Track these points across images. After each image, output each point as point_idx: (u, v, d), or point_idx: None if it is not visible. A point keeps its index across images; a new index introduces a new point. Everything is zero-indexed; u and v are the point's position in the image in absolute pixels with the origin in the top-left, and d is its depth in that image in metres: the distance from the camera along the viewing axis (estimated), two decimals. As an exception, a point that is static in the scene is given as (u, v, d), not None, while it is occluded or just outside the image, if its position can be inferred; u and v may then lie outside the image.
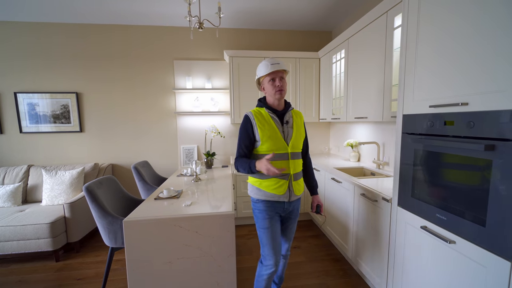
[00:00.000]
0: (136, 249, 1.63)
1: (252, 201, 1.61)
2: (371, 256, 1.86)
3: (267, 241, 1.53)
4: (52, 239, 2.36)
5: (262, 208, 1.54)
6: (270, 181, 1.49)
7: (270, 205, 1.53)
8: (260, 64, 1.55)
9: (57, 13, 2.91)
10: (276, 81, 1.48)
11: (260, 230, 1.56)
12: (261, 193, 1.53)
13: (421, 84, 1.32)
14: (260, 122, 1.49)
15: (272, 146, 1.48)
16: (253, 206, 1.60)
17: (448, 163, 1.18)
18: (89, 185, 1.89)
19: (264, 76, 1.51)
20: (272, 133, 1.48)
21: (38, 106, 3.22)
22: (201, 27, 2.18)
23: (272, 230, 1.53)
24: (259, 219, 1.55)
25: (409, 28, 1.38)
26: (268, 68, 1.48)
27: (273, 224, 1.53)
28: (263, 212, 1.54)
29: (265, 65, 1.50)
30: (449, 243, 1.15)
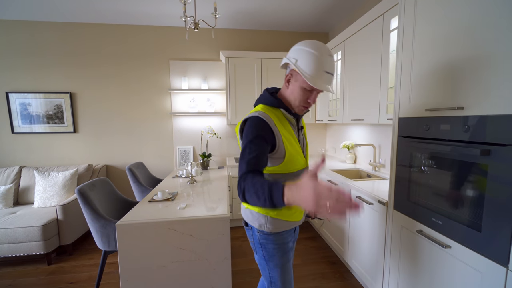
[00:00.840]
0: (129, 253, 1.60)
1: (260, 232, 1.13)
2: (367, 259, 1.85)
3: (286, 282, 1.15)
4: (44, 242, 2.31)
5: (282, 240, 1.13)
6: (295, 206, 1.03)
7: (286, 235, 1.16)
8: (307, 49, 0.99)
9: (50, 12, 2.86)
10: (313, 97, 1.05)
11: (276, 270, 1.14)
12: (280, 225, 1.11)
13: (418, 87, 1.32)
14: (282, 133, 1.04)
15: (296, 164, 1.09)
16: (263, 241, 1.13)
17: (444, 167, 1.17)
18: (81, 188, 1.86)
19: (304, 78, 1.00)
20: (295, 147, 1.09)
21: (30, 106, 3.16)
22: (196, 28, 2.16)
23: (290, 265, 1.19)
24: (277, 256, 1.13)
25: (405, 30, 1.38)
26: (321, 75, 0.99)
27: (291, 257, 1.20)
28: (282, 245, 1.13)
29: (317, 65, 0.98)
30: (445, 247, 1.14)
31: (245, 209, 1.20)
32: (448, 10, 1.13)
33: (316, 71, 0.98)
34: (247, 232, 1.22)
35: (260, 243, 1.15)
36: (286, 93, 1.10)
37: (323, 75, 0.99)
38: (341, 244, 2.25)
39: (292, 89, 1.07)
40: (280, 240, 1.13)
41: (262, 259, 1.18)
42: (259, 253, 1.18)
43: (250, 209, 1.16)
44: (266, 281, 1.21)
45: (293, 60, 1.02)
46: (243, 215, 1.23)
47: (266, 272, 1.18)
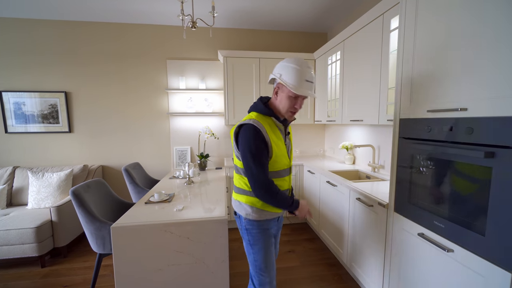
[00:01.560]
0: (124, 256, 1.56)
1: (248, 223, 1.33)
2: (367, 262, 1.83)
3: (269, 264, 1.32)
4: (37, 244, 2.27)
5: (265, 226, 1.32)
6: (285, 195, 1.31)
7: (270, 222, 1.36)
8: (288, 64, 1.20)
9: (45, 10, 2.81)
10: (299, 103, 1.23)
11: (260, 253, 1.32)
12: (265, 214, 1.31)
13: (419, 88, 1.29)
14: (272, 138, 1.23)
15: (280, 163, 1.28)
16: (249, 227, 1.33)
17: (447, 170, 1.15)
18: (76, 189, 1.81)
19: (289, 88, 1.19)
20: (281, 149, 1.28)
21: (25, 106, 3.11)
22: (194, 26, 2.13)
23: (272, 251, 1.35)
24: (260, 240, 1.31)
25: (407, 29, 1.36)
26: (302, 85, 1.18)
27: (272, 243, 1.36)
28: (265, 231, 1.32)
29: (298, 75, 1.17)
30: (447, 251, 1.12)
31: (235, 200, 1.40)
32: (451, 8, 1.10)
33: (298, 81, 1.18)
34: (236, 220, 1.43)
35: (246, 229, 1.34)
36: (276, 103, 1.29)
37: (304, 83, 1.19)
38: (340, 246, 2.23)
39: (280, 99, 1.25)
40: (264, 226, 1.33)
41: (248, 244, 1.36)
42: (245, 238, 1.37)
43: (239, 200, 1.36)
44: (252, 267, 1.38)
45: (278, 75, 1.24)
46: (233, 205, 1.41)
47: (251, 256, 1.35)
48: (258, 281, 1.36)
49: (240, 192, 1.36)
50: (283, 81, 1.20)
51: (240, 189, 1.36)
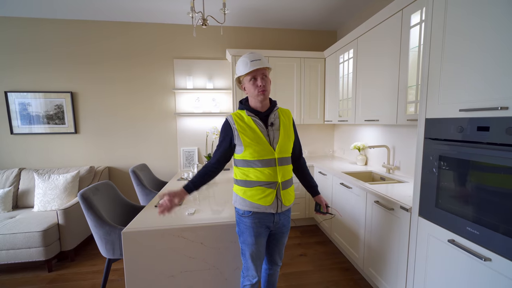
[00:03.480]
0: (136, 262, 1.51)
1: (237, 213, 1.41)
2: (387, 268, 1.76)
3: (249, 258, 1.39)
4: (44, 248, 2.21)
5: (249, 224, 1.35)
6: (256, 190, 1.32)
7: (257, 221, 1.35)
8: (238, 61, 1.37)
9: (51, 9, 2.76)
10: (258, 81, 1.31)
11: (243, 245, 1.40)
12: (246, 204, 1.34)
13: (449, 85, 1.22)
14: (240, 127, 1.33)
15: (257, 151, 1.31)
16: (237, 220, 1.41)
17: (481, 172, 1.08)
18: (84, 192, 1.76)
19: (244, 75, 1.33)
20: (255, 137, 1.32)
21: (30, 106, 3.06)
22: (204, 24, 2.06)
23: (257, 248, 1.38)
24: (244, 235, 1.38)
25: (434, 23, 1.28)
26: (248, 66, 1.30)
27: (259, 242, 1.38)
28: (250, 228, 1.35)
29: (244, 62, 1.32)
30: (484, 260, 1.04)
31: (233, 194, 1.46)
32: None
33: (244, 64, 1.32)
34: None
35: (237, 223, 1.43)
36: (248, 96, 1.41)
37: (250, 63, 1.31)
38: (355, 250, 2.15)
39: (247, 89, 1.37)
40: (249, 223, 1.36)
41: (238, 235, 1.44)
42: (236, 229, 1.46)
43: (233, 191, 1.44)
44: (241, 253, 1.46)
45: (236, 75, 1.40)
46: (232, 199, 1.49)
47: (240, 247, 1.44)
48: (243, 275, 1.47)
49: (234, 183, 1.45)
50: (238, 74, 1.37)
51: (234, 180, 1.45)
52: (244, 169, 1.35)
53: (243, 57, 1.35)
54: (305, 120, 3.27)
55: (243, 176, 1.36)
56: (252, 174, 1.33)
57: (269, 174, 1.32)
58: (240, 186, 1.37)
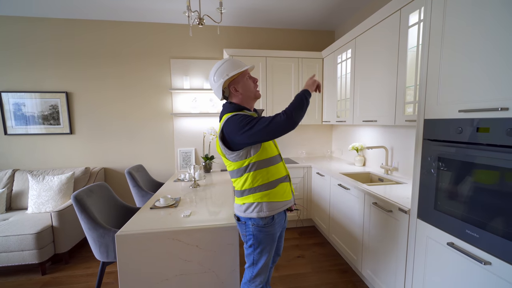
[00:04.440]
0: (130, 266, 1.47)
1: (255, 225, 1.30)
2: (385, 270, 1.74)
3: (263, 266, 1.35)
4: (38, 250, 2.17)
5: (271, 231, 1.31)
6: (280, 187, 1.32)
7: (277, 225, 1.34)
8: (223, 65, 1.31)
9: (45, 8, 2.72)
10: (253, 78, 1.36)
11: (259, 255, 1.33)
12: (273, 206, 1.29)
13: (448, 85, 1.20)
14: None
15: (271, 147, 1.33)
16: (254, 232, 1.30)
17: (481, 174, 1.06)
18: (78, 194, 1.73)
19: (239, 73, 1.30)
20: None
21: (24, 106, 3.02)
22: (201, 23, 2.04)
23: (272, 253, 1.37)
24: (263, 245, 1.31)
25: (433, 22, 1.26)
26: (241, 64, 1.32)
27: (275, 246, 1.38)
28: (271, 236, 1.31)
29: (235, 62, 1.32)
30: (484, 264, 1.02)
31: (241, 205, 1.33)
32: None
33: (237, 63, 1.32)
34: (238, 226, 1.39)
35: (253, 235, 1.31)
36: (240, 97, 1.34)
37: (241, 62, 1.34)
38: (354, 252, 2.13)
39: (243, 88, 1.32)
40: (270, 231, 1.30)
41: (251, 247, 1.34)
42: (249, 243, 1.34)
43: (246, 202, 1.30)
44: (249, 262, 1.38)
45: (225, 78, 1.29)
46: (237, 210, 1.37)
47: (251, 256, 1.36)
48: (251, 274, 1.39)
49: (244, 194, 1.31)
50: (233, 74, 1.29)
51: (244, 191, 1.31)
52: (263, 171, 1.28)
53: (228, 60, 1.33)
54: (303, 121, 3.25)
55: (264, 180, 1.28)
56: (272, 172, 1.30)
57: (282, 169, 1.37)
58: (262, 192, 1.28)
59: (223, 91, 1.34)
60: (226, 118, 1.27)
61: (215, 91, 1.36)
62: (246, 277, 1.42)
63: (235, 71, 1.29)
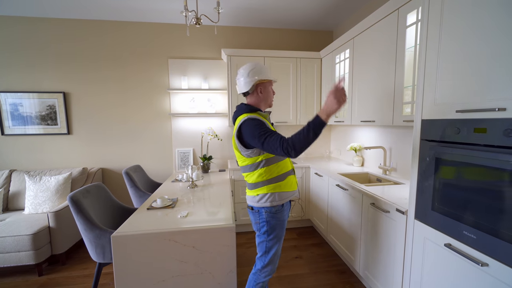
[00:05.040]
0: (126, 267, 1.47)
1: (268, 212, 1.45)
2: (383, 271, 1.73)
3: (276, 253, 1.50)
4: (34, 251, 2.16)
5: (282, 217, 1.48)
6: (288, 179, 1.50)
7: (286, 212, 1.51)
8: (260, 66, 1.48)
9: (43, 8, 2.71)
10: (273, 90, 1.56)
11: (273, 241, 1.48)
12: (282, 196, 1.47)
13: (445, 86, 1.19)
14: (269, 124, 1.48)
15: None
16: (267, 219, 1.46)
17: (478, 175, 1.05)
18: (74, 195, 1.71)
19: (270, 80, 1.50)
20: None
21: (22, 106, 3.01)
22: (198, 23, 2.03)
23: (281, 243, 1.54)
24: (277, 230, 1.48)
25: (430, 22, 1.26)
26: (271, 75, 1.51)
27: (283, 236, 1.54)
28: (282, 222, 1.49)
29: (268, 69, 1.51)
30: (481, 265, 1.02)
31: (254, 196, 1.49)
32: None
33: (269, 71, 1.51)
34: (252, 215, 1.54)
35: (267, 221, 1.46)
36: (260, 99, 1.52)
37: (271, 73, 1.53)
38: (352, 253, 2.13)
39: (266, 93, 1.51)
40: (281, 218, 1.48)
41: (265, 234, 1.48)
42: (262, 230, 1.48)
43: (260, 193, 1.46)
44: (261, 250, 1.51)
45: (261, 77, 1.47)
46: (250, 201, 1.52)
47: (264, 244, 1.49)
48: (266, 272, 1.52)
49: (258, 186, 1.46)
50: (265, 78, 1.47)
51: (258, 183, 1.46)
52: (274, 166, 1.44)
53: (263, 65, 1.50)
54: (301, 121, 3.24)
55: (274, 173, 1.45)
56: (281, 167, 1.47)
57: (289, 164, 1.54)
58: (274, 184, 1.45)
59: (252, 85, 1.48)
60: (244, 119, 1.39)
61: (243, 84, 1.48)
62: (257, 266, 1.55)
63: (268, 77, 1.48)
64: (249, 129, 1.35)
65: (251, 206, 1.53)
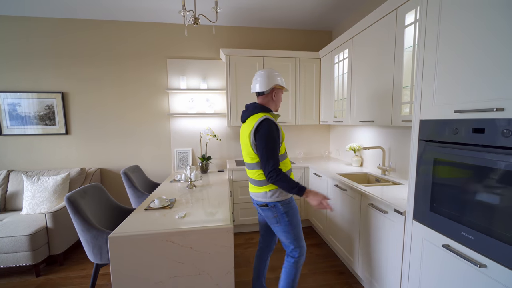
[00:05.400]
0: (123, 268, 1.46)
1: (283, 203, 1.62)
2: (381, 272, 1.73)
3: (301, 233, 1.67)
4: (32, 252, 2.15)
5: (294, 205, 1.68)
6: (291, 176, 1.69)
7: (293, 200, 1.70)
8: (277, 73, 1.67)
9: (40, 8, 2.70)
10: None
11: (294, 225, 1.64)
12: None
13: (443, 86, 1.19)
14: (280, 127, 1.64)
15: (283, 148, 1.67)
16: (285, 209, 1.62)
17: (476, 176, 1.05)
18: (71, 195, 1.71)
19: (283, 88, 1.71)
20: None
21: (20, 107, 3.00)
22: (196, 23, 2.02)
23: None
24: (295, 216, 1.65)
25: (429, 22, 1.25)
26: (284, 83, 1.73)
27: None
28: (295, 208, 1.68)
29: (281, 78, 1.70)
30: (479, 267, 1.01)
31: (266, 192, 1.62)
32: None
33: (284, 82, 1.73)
34: (268, 211, 1.65)
35: (285, 212, 1.62)
36: (270, 102, 1.70)
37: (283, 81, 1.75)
38: (351, 254, 2.12)
39: (277, 98, 1.71)
40: (293, 205, 1.67)
41: (286, 225, 1.62)
42: (283, 221, 1.62)
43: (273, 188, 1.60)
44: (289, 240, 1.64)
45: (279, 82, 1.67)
46: (263, 198, 1.64)
47: (290, 234, 1.63)
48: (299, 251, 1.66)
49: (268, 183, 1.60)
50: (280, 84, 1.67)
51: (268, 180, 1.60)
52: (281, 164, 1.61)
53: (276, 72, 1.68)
54: (300, 121, 3.24)
55: (283, 169, 1.61)
56: (286, 165, 1.65)
57: (289, 162, 1.71)
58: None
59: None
60: (263, 118, 1.54)
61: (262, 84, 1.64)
62: (294, 255, 1.66)
63: (283, 85, 1.71)
64: (266, 132, 1.51)
65: (265, 203, 1.64)
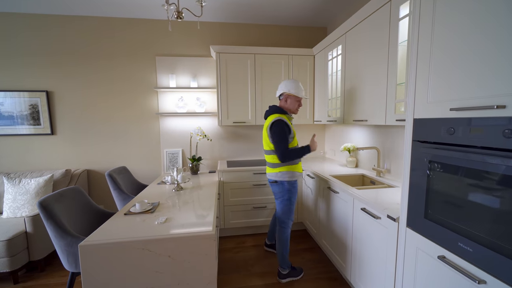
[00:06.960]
0: (95, 279, 1.36)
1: (289, 183, 2.06)
2: (374, 281, 1.62)
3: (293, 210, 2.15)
4: (9, 258, 2.05)
5: (296, 186, 2.11)
6: (299, 164, 2.12)
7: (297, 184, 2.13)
8: (293, 82, 2.07)
9: (24, 3, 2.59)
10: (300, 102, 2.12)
11: (292, 202, 2.11)
12: (297, 174, 2.08)
13: (439, 82, 1.08)
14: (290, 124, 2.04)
15: (295, 141, 2.07)
16: (289, 188, 2.07)
17: (474, 180, 0.94)
18: (44, 200, 1.61)
19: (294, 95, 2.06)
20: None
21: (2, 106, 2.89)
22: (179, 17, 1.91)
23: None
24: (294, 194, 2.10)
25: (423, 13, 1.15)
26: (302, 93, 2.08)
27: None
28: (296, 188, 2.12)
29: (299, 88, 2.07)
30: (478, 283, 0.91)
31: (276, 173, 2.07)
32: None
33: (300, 90, 2.08)
34: (276, 187, 2.11)
35: (289, 190, 2.08)
36: (286, 106, 2.10)
37: (301, 91, 2.09)
38: (343, 260, 2.02)
39: (290, 103, 2.09)
40: (296, 186, 2.12)
41: (287, 200, 2.10)
42: (285, 196, 2.09)
43: (281, 171, 2.05)
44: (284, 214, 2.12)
45: (287, 89, 2.07)
46: (273, 176, 2.11)
47: (287, 207, 2.11)
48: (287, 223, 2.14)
49: (280, 166, 2.05)
50: (292, 93, 2.05)
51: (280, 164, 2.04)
52: None
53: (296, 81, 2.08)
54: (293, 121, 3.12)
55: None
56: None
57: None
58: (291, 165, 2.05)
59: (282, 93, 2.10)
60: (276, 119, 1.99)
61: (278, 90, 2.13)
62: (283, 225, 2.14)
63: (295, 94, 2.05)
64: (277, 129, 1.96)
65: (274, 180, 2.10)
